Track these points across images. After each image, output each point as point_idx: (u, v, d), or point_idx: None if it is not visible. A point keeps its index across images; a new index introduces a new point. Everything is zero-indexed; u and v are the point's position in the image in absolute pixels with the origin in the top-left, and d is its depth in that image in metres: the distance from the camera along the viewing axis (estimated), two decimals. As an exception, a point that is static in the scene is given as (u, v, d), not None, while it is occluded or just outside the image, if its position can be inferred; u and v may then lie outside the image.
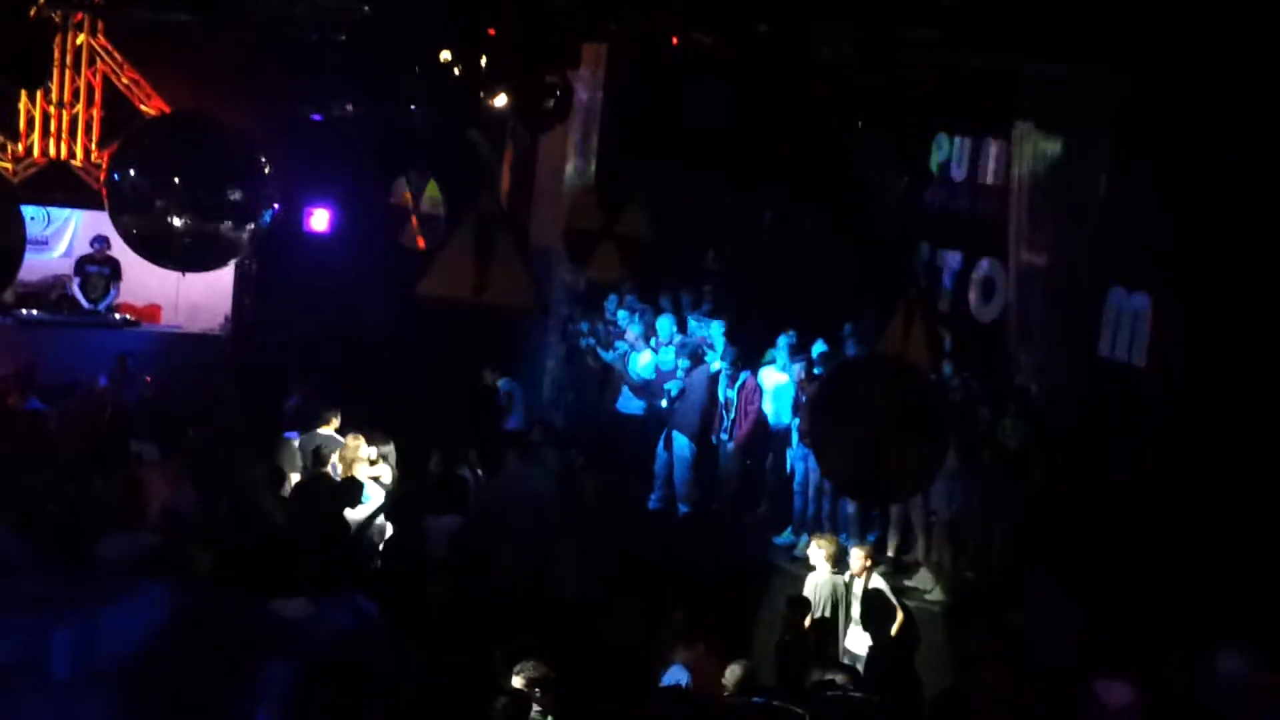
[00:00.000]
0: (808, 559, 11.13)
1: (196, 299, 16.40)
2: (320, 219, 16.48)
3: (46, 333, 15.72)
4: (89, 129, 16.11)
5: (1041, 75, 12.44)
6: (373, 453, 12.32)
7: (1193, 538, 9.91)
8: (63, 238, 16.89)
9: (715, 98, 14.57)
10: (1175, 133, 11.16)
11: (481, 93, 14.83)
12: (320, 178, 16.23)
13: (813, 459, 12.29)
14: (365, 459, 12.09)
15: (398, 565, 10.89)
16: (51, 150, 16.00)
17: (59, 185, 16.12)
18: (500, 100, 14.82)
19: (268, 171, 13.69)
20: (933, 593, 11.80)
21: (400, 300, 15.10)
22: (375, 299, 15.45)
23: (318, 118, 15.92)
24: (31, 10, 12.22)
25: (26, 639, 3.27)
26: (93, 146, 16.09)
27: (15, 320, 15.78)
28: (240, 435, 13.06)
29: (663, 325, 14.38)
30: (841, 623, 10.63)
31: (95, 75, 16.05)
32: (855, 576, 10.71)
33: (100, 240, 15.99)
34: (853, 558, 10.85)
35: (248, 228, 13.74)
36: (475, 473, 12.40)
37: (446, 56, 14.94)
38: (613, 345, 14.86)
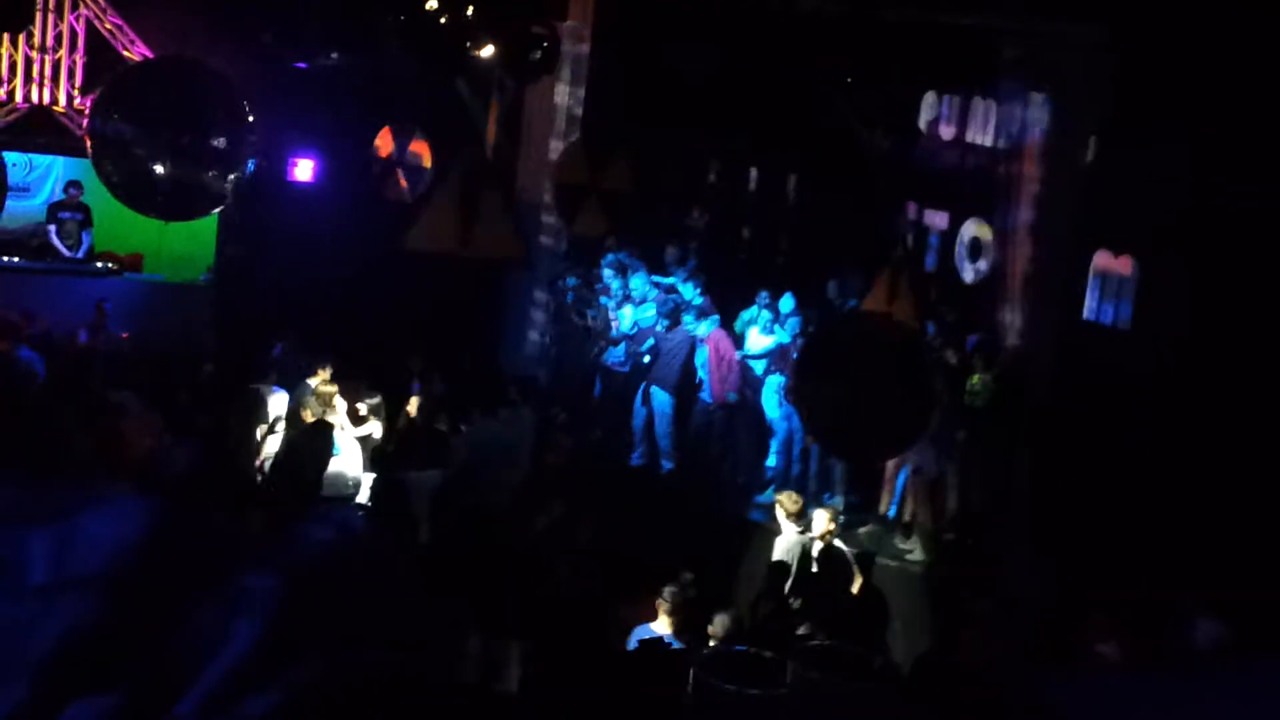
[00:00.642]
0: (786, 517, 11.12)
1: (179, 248, 16.29)
2: (304, 169, 16.36)
3: (25, 280, 15.58)
4: (71, 75, 15.95)
5: (1031, 34, 12.36)
6: (362, 408, 12.32)
7: (1174, 500, 9.94)
8: (45, 185, 16.74)
9: (702, 53, 14.46)
10: (1164, 94, 11.11)
11: (468, 43, 14.76)
12: (305, 127, 16.10)
13: (797, 418, 12.29)
14: (345, 412, 12.12)
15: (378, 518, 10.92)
16: (34, 96, 15.85)
17: (41, 131, 15.98)
18: (487, 51, 14.75)
19: (251, 119, 13.59)
20: (915, 553, 11.82)
21: (385, 252, 15.09)
22: (360, 250, 15.39)
23: (302, 66, 15.80)
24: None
25: (2, 545, 3.26)
26: (75, 92, 15.94)
27: (-6, 268, 15.69)
28: (221, 386, 13.03)
29: (636, 282, 14.29)
30: (810, 581, 10.52)
31: (78, 20, 15.89)
32: (818, 539, 10.61)
33: (75, 186, 15.87)
34: (816, 520, 10.74)
35: (231, 176, 13.66)
36: (457, 427, 12.42)
37: (433, 5, 14.86)
38: (597, 301, 14.81)
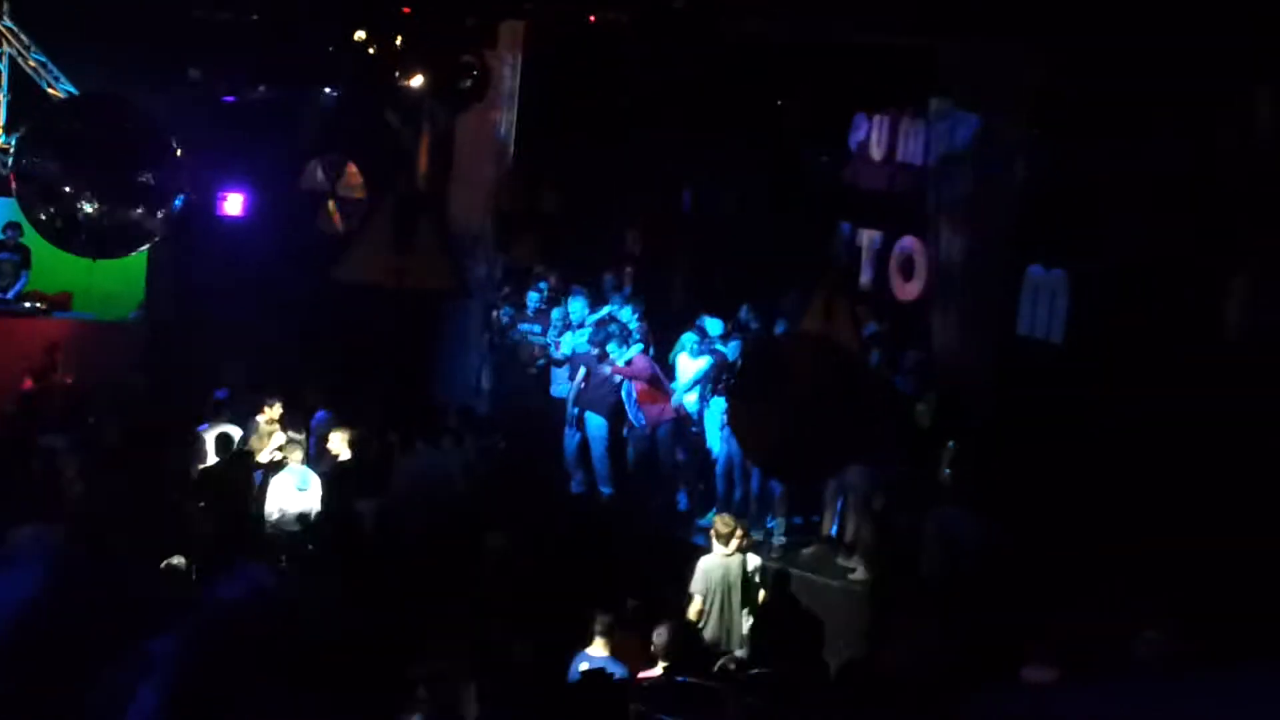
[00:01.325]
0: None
1: (109, 286, 16.07)
2: (234, 203, 16.19)
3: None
4: (-6, 113, 15.76)
5: (958, 53, 12.45)
6: (282, 438, 12.27)
7: (1114, 513, 9.99)
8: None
9: (633, 76, 14.48)
10: (1090, 109, 11.23)
11: (397, 72, 14.70)
12: (234, 161, 15.96)
13: (734, 441, 12.27)
14: (273, 439, 12.10)
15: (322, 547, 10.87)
16: (-43, 135, 15.65)
17: (-30, 172, 15.76)
18: (417, 80, 14.69)
19: (179, 154, 13.47)
20: (856, 572, 11.81)
21: (320, 285, 14.98)
22: (294, 284, 15.26)
23: (230, 99, 15.67)
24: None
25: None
26: (-1, 131, 15.75)
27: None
28: (152, 428, 12.86)
29: (575, 307, 14.24)
30: (737, 602, 10.64)
31: (1, 58, 15.67)
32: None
33: (13, 228, 15.69)
34: (747, 539, 10.88)
35: (159, 213, 13.52)
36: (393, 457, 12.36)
37: (361, 36, 14.80)
38: (534, 329, 14.72)
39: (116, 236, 13.58)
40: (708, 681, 8.46)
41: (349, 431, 12.39)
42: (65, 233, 13.36)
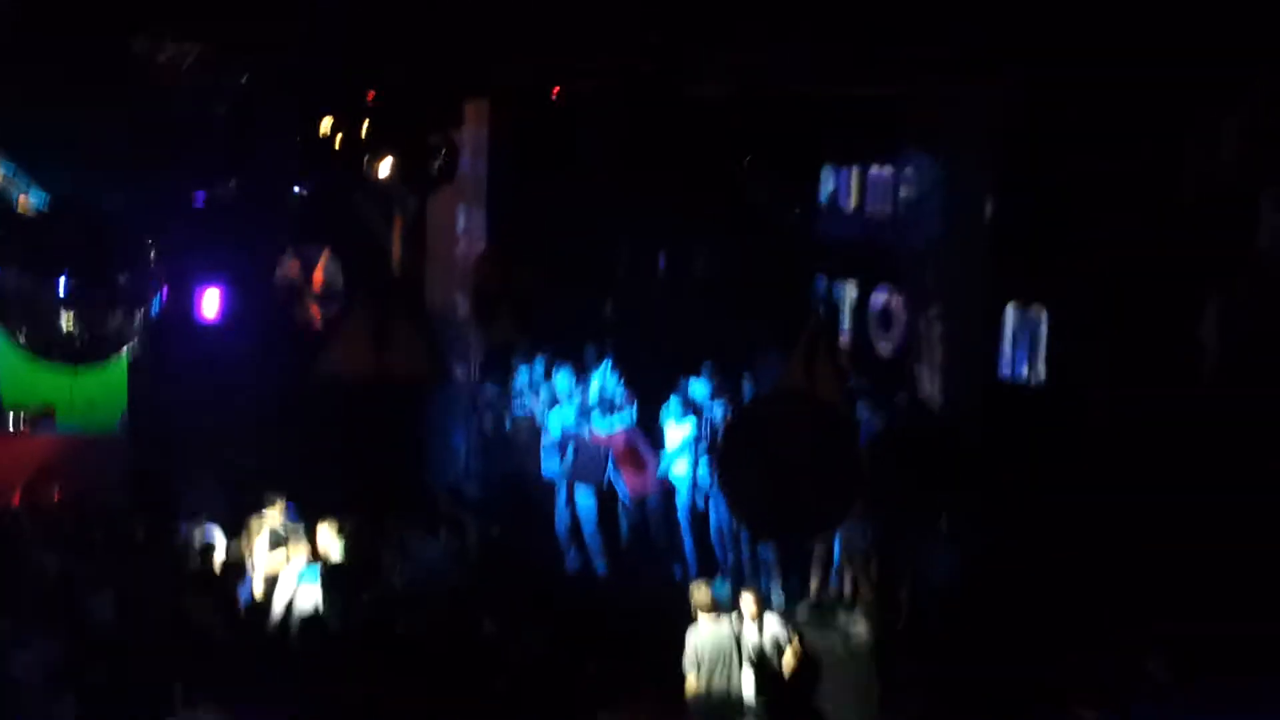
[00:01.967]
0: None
1: (92, 395, 15.93)
2: (211, 301, 16.10)
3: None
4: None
5: (922, 99, 12.44)
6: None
7: (1108, 555, 9.89)
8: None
9: (600, 144, 14.47)
10: (1058, 147, 11.20)
11: (366, 160, 14.69)
12: (208, 259, 15.89)
13: (724, 505, 12.16)
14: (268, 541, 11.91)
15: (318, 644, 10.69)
16: (-73, 251, 15.54)
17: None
18: (385, 166, 14.67)
19: (153, 255, 13.45)
20: (855, 631, 11.63)
21: (300, 379, 14.91)
22: (274, 380, 15.18)
23: (200, 197, 15.65)
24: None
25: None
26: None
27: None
28: (146, 535, 12.69)
29: (561, 382, 14.15)
30: (735, 670, 10.30)
31: (-33, 173, 15.65)
32: (749, 622, 10.39)
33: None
34: (743, 604, 10.50)
35: (137, 315, 13.50)
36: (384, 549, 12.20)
37: (327, 126, 14.79)
38: (523, 405, 14.61)
39: (95, 344, 13.54)
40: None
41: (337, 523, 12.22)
42: (44, 345, 13.33)
